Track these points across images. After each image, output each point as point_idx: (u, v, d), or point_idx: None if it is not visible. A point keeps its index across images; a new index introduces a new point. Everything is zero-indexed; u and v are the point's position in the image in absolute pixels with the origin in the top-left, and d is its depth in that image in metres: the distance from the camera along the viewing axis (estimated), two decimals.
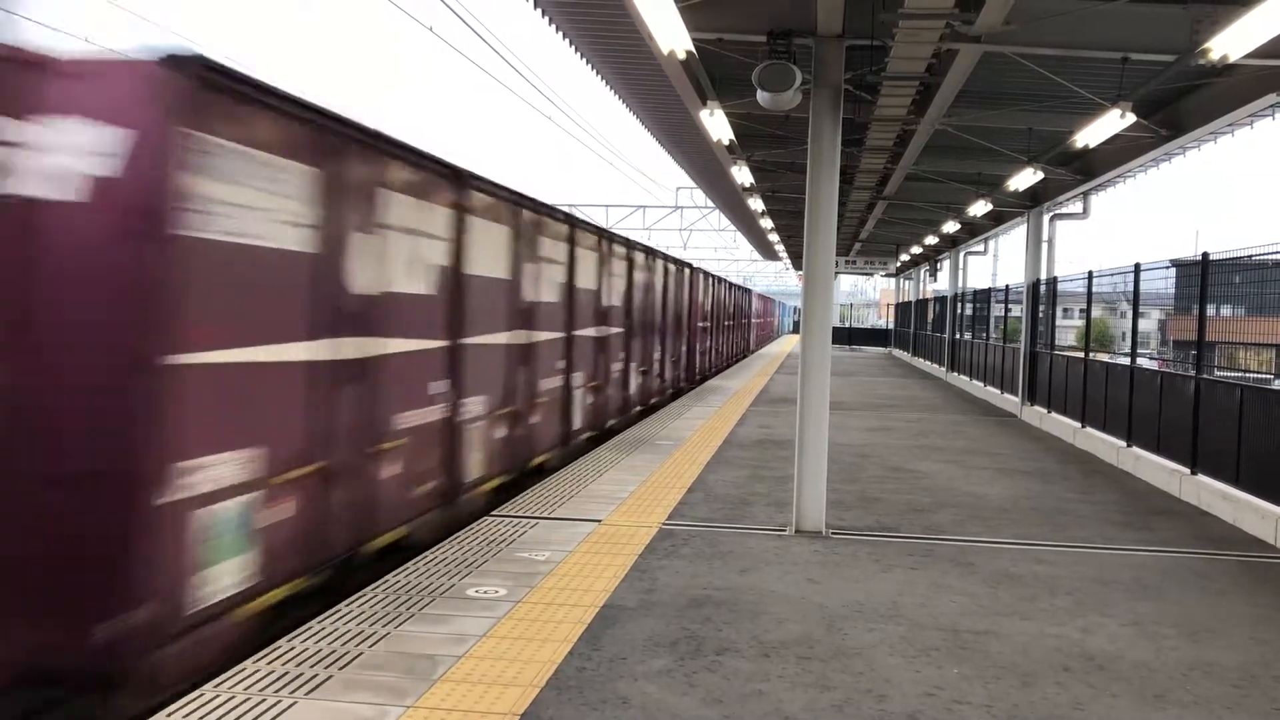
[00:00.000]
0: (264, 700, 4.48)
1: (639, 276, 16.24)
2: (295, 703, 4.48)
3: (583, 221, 12.81)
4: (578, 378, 12.40)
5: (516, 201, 9.96)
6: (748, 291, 44.63)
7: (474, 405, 8.82)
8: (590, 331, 13.08)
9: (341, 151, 6.40)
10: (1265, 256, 9.63)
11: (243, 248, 5.39)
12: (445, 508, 8.20)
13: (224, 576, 5.29)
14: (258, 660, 4.97)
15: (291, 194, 5.82)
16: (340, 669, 4.89)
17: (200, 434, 5.09)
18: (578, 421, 12.48)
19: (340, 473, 6.42)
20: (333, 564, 6.41)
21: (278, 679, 4.73)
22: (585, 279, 12.71)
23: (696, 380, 24.17)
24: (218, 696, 4.50)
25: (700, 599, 6.30)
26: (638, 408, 16.66)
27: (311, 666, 4.90)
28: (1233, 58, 7.50)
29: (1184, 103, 12.01)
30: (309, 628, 5.48)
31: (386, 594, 6.12)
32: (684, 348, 22.10)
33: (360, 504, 6.74)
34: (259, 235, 5.53)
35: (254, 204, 5.45)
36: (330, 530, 6.34)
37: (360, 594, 6.12)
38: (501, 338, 9.57)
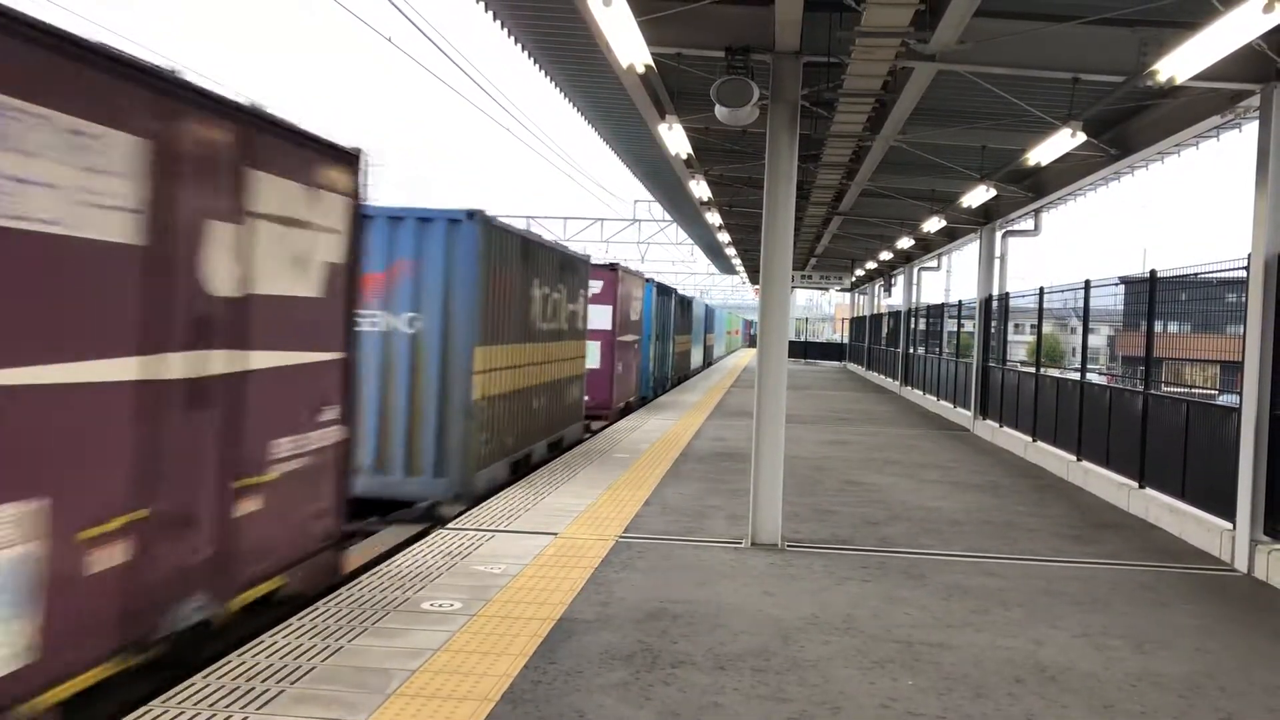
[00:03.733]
0: (214, 716, 4.41)
1: None
2: (246, 718, 4.41)
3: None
4: None
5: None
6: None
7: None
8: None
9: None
10: (1210, 274, 9.84)
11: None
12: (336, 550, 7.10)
13: None
14: (207, 675, 4.89)
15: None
16: (292, 683, 4.82)
17: None
18: None
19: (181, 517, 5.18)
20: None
21: (228, 694, 4.66)
22: None
23: None
24: (166, 712, 4.43)
25: (657, 612, 6.30)
26: None
27: (263, 681, 4.83)
28: (1179, 80, 7.67)
29: (1132, 123, 12.26)
30: (260, 642, 5.40)
31: (340, 608, 6.06)
32: None
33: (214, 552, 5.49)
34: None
35: None
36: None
37: (313, 608, 6.05)
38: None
